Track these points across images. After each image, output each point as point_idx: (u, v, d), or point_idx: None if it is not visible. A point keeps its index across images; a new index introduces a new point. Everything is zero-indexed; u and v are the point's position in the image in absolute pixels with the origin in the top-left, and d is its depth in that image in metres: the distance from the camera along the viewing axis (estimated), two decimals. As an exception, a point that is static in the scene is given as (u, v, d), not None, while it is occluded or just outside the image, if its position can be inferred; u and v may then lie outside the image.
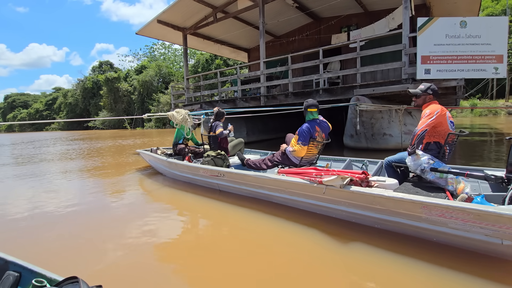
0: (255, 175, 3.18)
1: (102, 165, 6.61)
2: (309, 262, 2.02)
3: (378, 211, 2.32)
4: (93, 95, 49.75)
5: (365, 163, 3.77)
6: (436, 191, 2.36)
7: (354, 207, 2.47)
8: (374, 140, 6.60)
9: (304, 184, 2.72)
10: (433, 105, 2.63)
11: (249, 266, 2.00)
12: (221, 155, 4.02)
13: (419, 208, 2.04)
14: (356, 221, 2.55)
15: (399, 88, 5.56)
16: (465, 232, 1.92)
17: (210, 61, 36.00)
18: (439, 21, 4.91)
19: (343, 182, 2.40)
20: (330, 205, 2.64)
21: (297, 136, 3.35)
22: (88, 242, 2.45)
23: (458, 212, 1.87)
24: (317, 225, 2.55)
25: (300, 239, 2.36)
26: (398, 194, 2.16)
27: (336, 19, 9.84)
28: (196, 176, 4.01)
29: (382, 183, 2.59)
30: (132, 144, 12.46)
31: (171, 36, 10.70)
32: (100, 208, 3.45)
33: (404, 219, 2.19)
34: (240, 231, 2.66)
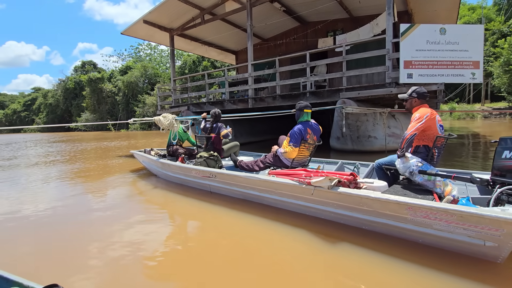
0: (246, 176, 3.18)
1: (91, 167, 6.41)
2: (298, 263, 2.03)
3: (365, 212, 2.34)
4: (75, 96, 48.24)
5: (357, 165, 3.82)
6: (424, 194, 2.40)
7: (342, 208, 2.49)
8: (360, 142, 6.75)
9: (293, 185, 2.73)
10: (423, 108, 2.68)
11: (237, 269, 1.99)
12: (214, 156, 4.01)
13: (405, 209, 2.07)
14: (345, 223, 2.56)
15: (383, 92, 5.72)
16: (449, 233, 1.95)
17: (197, 63, 35.75)
18: (420, 27, 5.10)
19: (331, 183, 2.41)
20: (319, 206, 2.66)
21: (289, 138, 3.37)
22: (70, 248, 2.37)
23: (441, 213, 1.90)
24: (306, 226, 2.57)
25: (289, 241, 2.37)
26: (383, 195, 2.18)
27: (323, 24, 10.02)
28: (188, 177, 3.98)
29: (370, 184, 2.60)
30: (119, 146, 12.16)
31: (158, 36, 10.56)
32: (84, 211, 3.34)
33: (390, 221, 2.21)
34: (230, 234, 2.64)
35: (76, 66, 52.64)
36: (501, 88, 24.67)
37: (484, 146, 8.08)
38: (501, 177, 2.14)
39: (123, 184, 4.70)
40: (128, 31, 9.74)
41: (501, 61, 22.92)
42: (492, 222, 1.73)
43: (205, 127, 4.63)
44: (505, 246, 1.78)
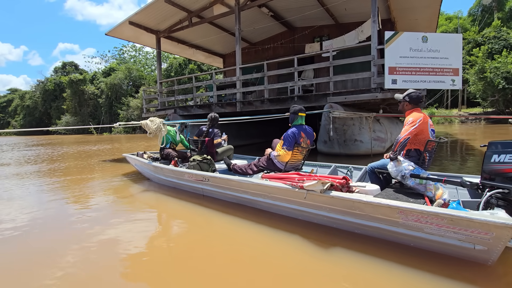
0: (239, 179, 3.14)
1: (76, 171, 6.15)
2: (290, 268, 2.02)
3: (357, 216, 2.34)
4: (54, 98, 46.46)
5: (350, 169, 3.86)
6: (416, 197, 2.43)
7: (335, 212, 2.48)
8: (346, 146, 6.87)
9: (286, 189, 2.71)
10: (415, 113, 2.73)
11: (228, 273, 1.97)
12: (207, 159, 3.98)
13: (396, 213, 2.08)
14: (337, 227, 2.56)
15: (369, 97, 5.87)
16: (440, 237, 1.97)
17: (183, 66, 35.42)
18: (404, 35, 5.30)
19: (323, 187, 2.40)
20: (312, 210, 2.65)
21: (282, 141, 3.37)
22: (48, 256, 2.26)
23: (432, 217, 1.92)
24: (299, 231, 2.55)
25: (282, 246, 2.35)
26: (375, 199, 2.18)
27: (309, 29, 10.21)
28: (181, 181, 3.95)
29: (363, 188, 2.62)
30: (103, 149, 11.79)
31: (144, 38, 10.38)
32: (63, 217, 3.21)
33: (382, 224, 2.22)
34: (222, 238, 2.61)
35: (56, 67, 50.79)
36: (476, 95, 25.93)
37: (463, 149, 8.45)
38: (490, 180, 2.17)
39: (112, 188, 4.56)
40: (113, 32, 9.52)
41: (476, 69, 24.11)
42: (482, 226, 1.75)
43: (201, 131, 4.59)
44: (495, 250, 1.82)
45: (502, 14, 32.84)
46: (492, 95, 24.25)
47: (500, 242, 1.76)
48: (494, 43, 25.82)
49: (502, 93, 23.23)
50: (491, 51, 25.37)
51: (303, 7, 9.01)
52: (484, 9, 34.09)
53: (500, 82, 22.44)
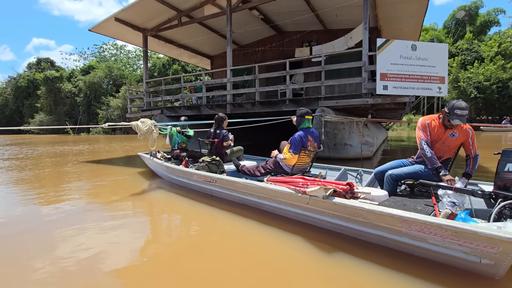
0: (245, 182, 3.18)
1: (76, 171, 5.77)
2: (294, 270, 2.03)
3: (360, 223, 2.31)
4: (28, 95, 44.04)
5: (360, 172, 3.85)
6: (424, 205, 2.37)
7: (338, 219, 2.46)
8: (336, 149, 6.96)
9: (289, 193, 2.71)
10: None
11: (232, 272, 2.00)
12: (216, 161, 4.03)
13: (399, 222, 2.04)
14: (341, 232, 2.54)
15: (360, 102, 5.99)
16: (445, 248, 1.91)
17: (167, 66, 34.76)
18: (395, 43, 5.46)
19: (325, 193, 2.39)
20: (315, 215, 2.63)
21: (289, 144, 3.36)
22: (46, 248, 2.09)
23: (436, 228, 1.87)
24: (302, 233, 2.55)
25: (285, 246, 2.37)
26: (378, 208, 2.15)
27: (299, 34, 10.33)
28: (191, 181, 4.09)
29: (368, 194, 2.61)
30: (89, 150, 11.21)
31: (130, 36, 10.05)
32: (80, 212, 3.09)
33: (385, 233, 2.18)
34: (227, 237, 2.68)
35: (30, 63, 48.20)
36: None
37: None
38: (504, 190, 2.08)
39: (125, 186, 4.78)
40: (97, 28, 9.13)
41: (450, 78, 25.50)
42: (488, 240, 1.68)
43: (209, 133, 4.64)
44: (502, 264, 1.74)
45: (473, 28, 35.05)
46: (465, 103, 25.72)
47: (508, 257, 1.68)
48: (467, 54, 27.48)
49: (474, 102, 24.71)
50: (464, 62, 26.99)
51: (294, 11, 9.11)
52: (458, 22, 36.23)
53: (472, 92, 23.86)
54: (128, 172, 6.13)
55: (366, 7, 5.99)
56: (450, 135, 2.72)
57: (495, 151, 2.39)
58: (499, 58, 24.31)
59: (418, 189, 2.82)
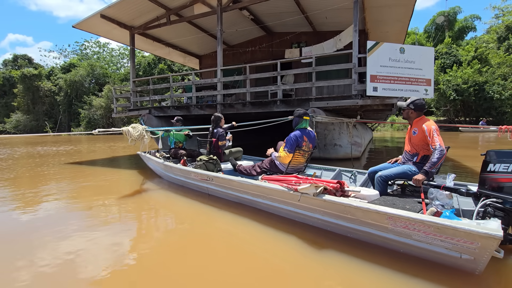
0: (240, 180, 3.25)
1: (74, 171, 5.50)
2: (288, 268, 2.11)
3: (349, 220, 2.39)
4: (3, 94, 41.89)
5: (354, 173, 3.93)
6: (413, 204, 2.46)
7: (328, 216, 2.54)
8: (326, 150, 7.06)
9: (281, 191, 2.80)
10: (431, 120, 2.81)
11: (226, 271, 2.03)
12: (213, 159, 4.11)
13: (385, 219, 2.11)
14: (331, 230, 2.61)
15: (350, 103, 6.10)
16: (428, 244, 1.98)
17: (152, 65, 34.10)
18: (384, 46, 5.60)
19: (316, 191, 2.48)
20: (306, 212, 2.71)
21: (284, 143, 3.44)
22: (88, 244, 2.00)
23: (419, 224, 1.94)
24: (295, 232, 2.65)
25: (278, 245, 2.47)
26: (364, 204, 2.23)
27: (288, 35, 10.39)
28: (188, 179, 4.16)
29: (358, 193, 2.70)
30: (76, 150, 10.77)
31: (116, 33, 9.76)
32: (81, 213, 3.00)
33: (372, 230, 2.25)
34: (222, 236, 2.73)
35: (6, 59, 45.94)
36: (431, 104, 28.42)
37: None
38: (486, 189, 2.18)
39: (125, 185, 4.83)
40: (81, 24, 8.81)
41: (431, 81, 26.49)
42: (467, 235, 1.76)
43: (209, 131, 4.74)
44: (481, 259, 1.82)
45: (452, 33, 36.55)
46: (444, 105, 26.78)
47: (486, 252, 1.76)
48: (446, 58, 28.59)
49: (453, 104, 25.76)
50: (443, 65, 28.05)
51: (284, 13, 9.16)
52: (437, 27, 37.68)
53: (451, 94, 24.85)
54: (124, 172, 6.17)
55: (356, 10, 6.11)
56: (413, 132, 2.91)
57: (475, 151, 2.50)
58: (476, 62, 25.48)
59: (409, 190, 2.91)
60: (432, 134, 2.67)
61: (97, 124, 32.00)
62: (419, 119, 2.90)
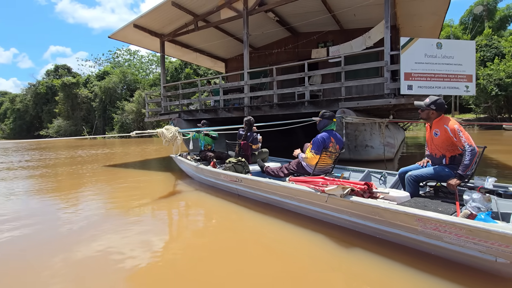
0: (268, 181, 3.32)
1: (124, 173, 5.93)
2: (314, 266, 2.10)
3: (377, 221, 2.37)
4: (46, 101, 45.62)
5: (384, 174, 3.89)
6: (446, 206, 2.36)
7: (356, 217, 2.54)
8: (357, 151, 6.84)
9: (309, 192, 2.84)
10: (453, 119, 2.69)
11: (254, 268, 2.09)
12: (242, 162, 4.24)
13: (414, 220, 2.07)
14: (359, 230, 2.61)
15: (382, 102, 5.85)
16: (460, 247, 1.91)
17: (179, 70, 35.26)
18: (419, 41, 5.31)
19: (343, 192, 2.50)
20: (333, 213, 2.73)
21: (311, 145, 3.47)
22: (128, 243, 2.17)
23: (450, 226, 1.88)
24: (323, 231, 2.68)
25: (306, 243, 2.48)
26: (392, 206, 2.21)
27: (314, 35, 10.23)
28: (218, 181, 4.32)
29: (387, 194, 2.66)
30: (106, 154, 11.49)
31: (147, 42, 10.23)
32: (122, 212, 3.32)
33: (402, 231, 2.22)
34: (251, 234, 2.82)
35: (48, 70, 49.96)
36: (469, 101, 26.49)
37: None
38: None
39: (160, 186, 5.12)
40: (116, 35, 9.35)
41: (469, 76, 24.71)
42: (502, 238, 1.69)
43: (239, 134, 4.87)
44: None
45: (492, 23, 33.85)
46: (485, 101, 24.81)
47: None
48: (486, 51, 26.52)
49: (495, 100, 23.80)
50: (483, 58, 26.05)
51: (309, 12, 9.03)
52: (475, 18, 35.10)
53: (493, 89, 22.98)
54: (156, 174, 6.53)
55: (387, 5, 5.87)
56: (434, 134, 2.77)
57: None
58: (521, 53, 23.38)
59: (443, 191, 2.80)
60: (457, 135, 2.55)
61: (129, 127, 33.71)
62: (439, 119, 2.77)
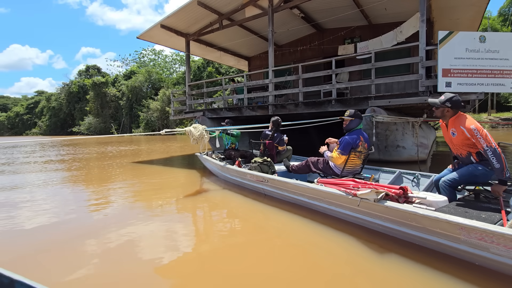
0: (295, 183, 3.24)
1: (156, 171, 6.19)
2: (345, 270, 2.02)
3: (414, 228, 2.23)
4: (78, 100, 48.20)
5: (417, 176, 3.71)
6: (490, 212, 2.17)
7: (390, 222, 2.41)
8: (387, 152, 6.53)
9: (340, 195, 2.74)
10: (470, 118, 2.52)
11: (281, 268, 2.04)
12: (267, 161, 4.20)
13: (457, 229, 1.92)
14: (393, 235, 2.46)
15: (417, 101, 5.53)
16: (510, 259, 1.75)
17: (202, 69, 35.78)
18: (459, 35, 4.94)
19: (377, 197, 2.38)
20: (366, 217, 2.62)
21: (338, 144, 3.41)
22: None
23: (498, 237, 1.73)
24: (354, 233, 2.57)
25: (335, 245, 2.41)
26: (433, 213, 2.06)
27: (342, 31, 9.91)
28: (244, 180, 4.31)
29: (424, 199, 2.50)
30: (134, 150, 11.95)
31: (173, 41, 10.43)
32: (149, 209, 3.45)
33: (442, 239, 2.08)
34: (278, 234, 2.78)
35: (80, 70, 52.78)
36: (508, 98, 24.60)
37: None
38: None
39: (184, 183, 5.26)
40: (144, 35, 9.62)
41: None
42: None
43: (265, 134, 4.83)
44: None
45: (535, 13, 31.13)
46: (527, 98, 22.92)
47: None
48: (529, 44, 24.42)
49: (538, 97, 21.91)
50: (525, 52, 23.99)
51: (337, 8, 8.75)
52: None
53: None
54: (181, 171, 6.66)
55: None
56: (451, 133, 2.65)
57: None
58: None
59: (484, 196, 2.59)
60: (475, 136, 2.38)
61: (154, 125, 34.80)
62: (455, 118, 2.59)
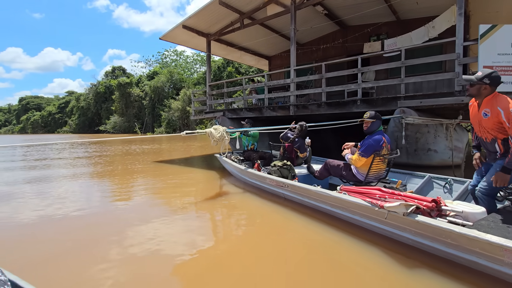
0: (317, 190, 3.10)
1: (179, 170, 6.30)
2: (372, 281, 1.91)
3: (448, 245, 2.01)
4: (105, 100, 50.25)
5: (449, 181, 3.42)
6: None
7: (421, 237, 2.19)
8: (417, 155, 6.12)
9: (365, 206, 2.53)
10: (506, 98, 2.25)
11: (300, 272, 1.98)
12: (287, 165, 4.08)
13: (499, 251, 1.73)
14: (426, 250, 2.23)
15: (452, 101, 5.11)
16: None
17: (222, 69, 36.02)
18: (504, 28, 4.49)
19: (406, 210, 2.16)
20: (394, 230, 2.40)
21: (360, 147, 3.29)
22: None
23: None
24: (380, 243, 2.38)
25: (359, 255, 2.27)
26: (471, 232, 1.82)
27: (367, 28, 9.49)
28: (264, 184, 4.24)
29: (459, 213, 2.21)
30: (158, 149, 12.21)
31: (194, 41, 10.48)
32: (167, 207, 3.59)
33: (481, 259, 1.87)
34: (297, 238, 2.70)
35: (106, 71, 55.00)
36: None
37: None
38: None
39: (201, 183, 5.32)
40: (166, 36, 9.73)
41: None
42: None
43: (286, 136, 4.69)
44: None
45: None
46: None
47: None
48: None
49: None
50: None
51: (362, 3, 8.36)
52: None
53: None
54: (200, 171, 6.74)
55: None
56: (483, 114, 2.37)
57: None
58: None
59: None
60: (509, 119, 2.11)
61: (175, 125, 35.58)
62: (492, 97, 2.30)
